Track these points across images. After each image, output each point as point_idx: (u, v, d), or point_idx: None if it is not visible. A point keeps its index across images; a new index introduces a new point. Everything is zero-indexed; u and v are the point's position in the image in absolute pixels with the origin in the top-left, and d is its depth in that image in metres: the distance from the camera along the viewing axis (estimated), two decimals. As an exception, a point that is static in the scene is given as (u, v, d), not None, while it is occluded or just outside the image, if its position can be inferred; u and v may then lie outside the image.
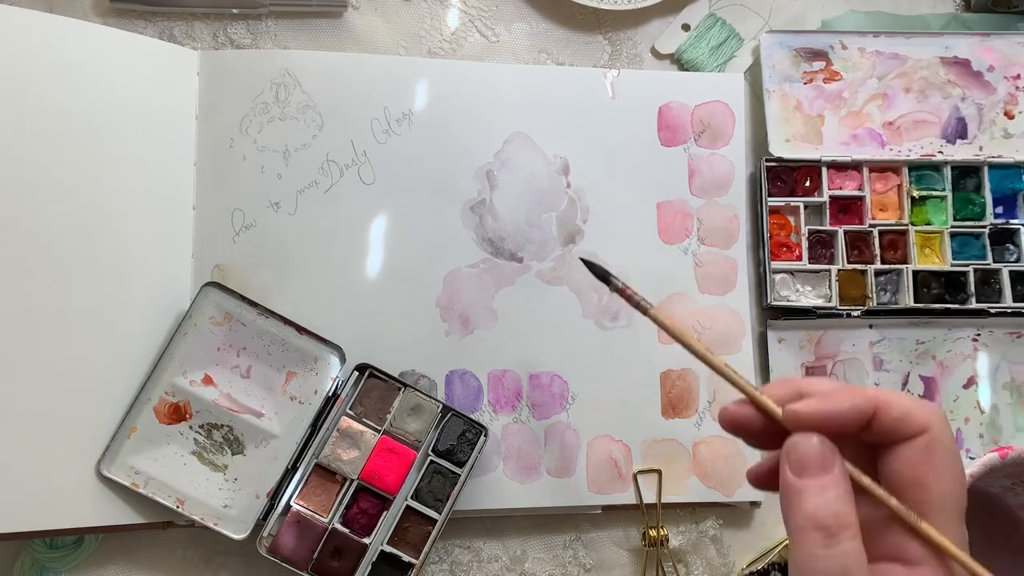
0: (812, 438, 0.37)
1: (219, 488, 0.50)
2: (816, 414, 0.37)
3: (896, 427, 0.36)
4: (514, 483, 0.53)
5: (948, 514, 0.36)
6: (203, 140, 0.54)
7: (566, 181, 0.56)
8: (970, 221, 0.58)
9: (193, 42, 0.56)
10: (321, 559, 0.49)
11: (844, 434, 0.37)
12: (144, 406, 0.50)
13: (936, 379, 0.57)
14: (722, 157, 0.58)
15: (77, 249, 0.49)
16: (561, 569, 0.55)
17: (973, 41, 0.59)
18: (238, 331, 0.51)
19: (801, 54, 0.59)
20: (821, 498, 0.36)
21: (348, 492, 0.50)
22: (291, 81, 0.54)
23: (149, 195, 0.52)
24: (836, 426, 0.37)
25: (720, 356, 0.40)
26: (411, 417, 0.52)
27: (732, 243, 0.57)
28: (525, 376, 0.55)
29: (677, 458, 0.55)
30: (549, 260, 0.56)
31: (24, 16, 0.50)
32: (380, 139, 0.55)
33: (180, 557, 0.52)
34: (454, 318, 0.54)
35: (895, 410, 0.36)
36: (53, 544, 0.51)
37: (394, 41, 0.58)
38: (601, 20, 0.61)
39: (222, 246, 0.53)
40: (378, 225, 0.54)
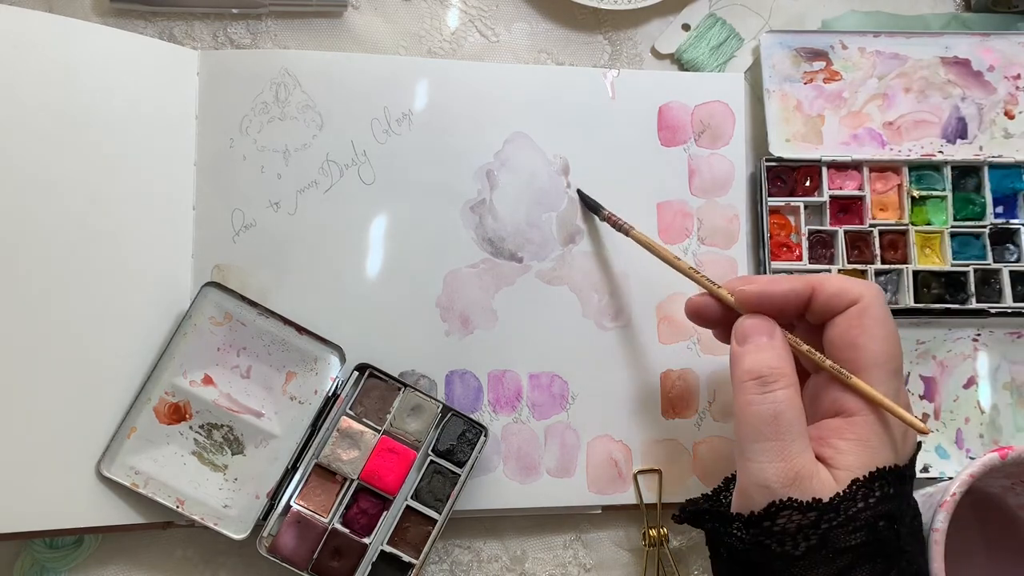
0: (753, 316, 0.44)
1: (219, 488, 0.50)
2: (760, 294, 0.44)
3: (832, 302, 0.43)
4: (514, 483, 0.53)
5: (880, 369, 0.41)
6: (203, 140, 0.54)
7: (566, 181, 0.56)
8: (970, 221, 0.58)
9: (193, 42, 0.56)
10: (321, 559, 0.49)
11: (787, 313, 0.44)
12: (144, 406, 0.50)
13: (936, 379, 0.57)
14: (722, 157, 0.58)
15: (76, 249, 0.49)
16: (561, 569, 0.55)
17: (973, 41, 0.59)
18: (238, 331, 0.51)
19: (801, 54, 0.59)
20: (758, 355, 0.42)
21: (348, 492, 0.51)
22: (291, 81, 0.54)
23: (149, 195, 0.52)
24: (778, 304, 0.44)
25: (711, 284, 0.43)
26: (411, 417, 0.52)
27: (732, 243, 0.57)
28: (525, 376, 0.55)
29: (677, 458, 0.55)
30: (549, 260, 0.56)
31: (24, 16, 0.50)
32: (380, 139, 0.55)
33: (180, 557, 0.52)
34: (454, 318, 0.54)
35: (829, 287, 0.43)
36: (53, 544, 0.51)
37: (394, 41, 0.58)
38: (601, 20, 0.61)
39: (222, 246, 0.53)
40: (378, 225, 0.54)
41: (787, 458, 0.39)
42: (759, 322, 0.43)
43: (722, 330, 0.47)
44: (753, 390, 0.41)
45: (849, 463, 0.39)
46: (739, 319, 0.44)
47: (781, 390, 0.41)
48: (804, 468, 0.39)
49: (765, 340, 0.42)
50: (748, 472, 0.40)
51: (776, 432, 0.40)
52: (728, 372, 0.56)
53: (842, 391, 0.42)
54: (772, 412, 0.40)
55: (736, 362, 0.43)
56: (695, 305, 0.47)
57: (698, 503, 0.46)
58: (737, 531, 0.41)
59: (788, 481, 0.39)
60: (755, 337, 0.43)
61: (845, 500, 0.39)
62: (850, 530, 0.38)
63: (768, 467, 0.39)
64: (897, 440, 0.41)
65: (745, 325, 0.44)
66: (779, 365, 0.41)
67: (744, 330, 0.43)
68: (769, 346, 0.42)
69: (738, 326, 0.44)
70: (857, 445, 0.40)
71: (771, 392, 0.41)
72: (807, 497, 0.38)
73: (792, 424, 0.40)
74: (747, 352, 0.42)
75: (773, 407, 0.40)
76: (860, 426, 0.40)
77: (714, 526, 0.43)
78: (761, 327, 0.43)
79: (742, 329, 0.44)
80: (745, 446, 0.40)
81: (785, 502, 0.39)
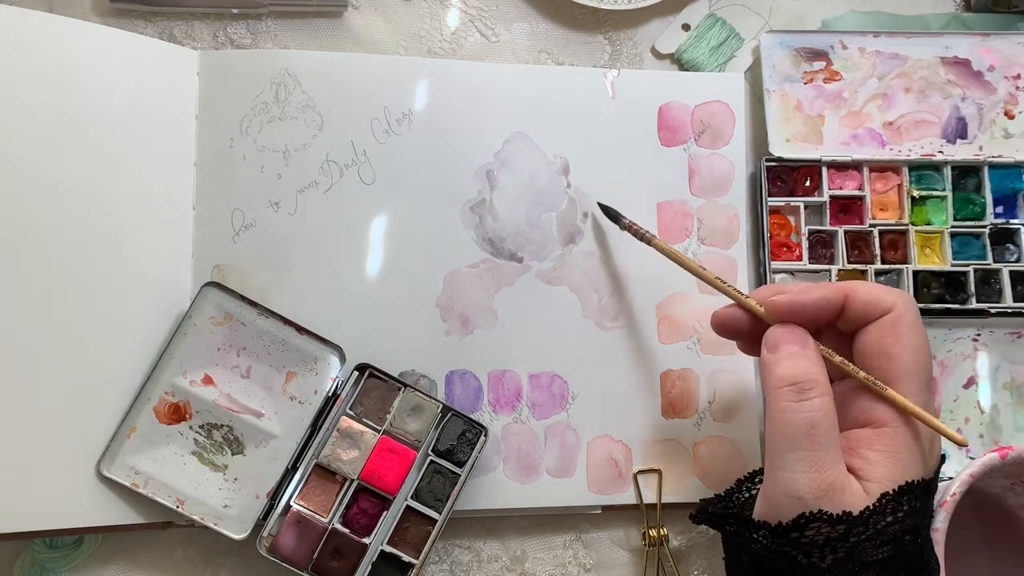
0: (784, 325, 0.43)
1: (219, 488, 0.50)
2: (791, 304, 0.43)
3: (865, 310, 0.42)
4: (514, 483, 0.53)
5: (913, 379, 0.40)
6: (203, 140, 0.54)
7: (566, 181, 0.56)
8: (970, 221, 0.58)
9: (193, 42, 0.56)
10: (321, 559, 0.49)
11: (819, 323, 0.43)
12: (144, 406, 0.50)
13: (936, 379, 0.57)
14: (722, 157, 0.58)
15: (76, 249, 0.49)
16: (561, 569, 0.55)
17: (973, 41, 0.59)
18: (238, 331, 0.51)
19: (801, 54, 0.59)
20: (792, 362, 0.41)
21: (348, 492, 0.51)
22: (291, 81, 0.54)
23: (149, 195, 0.52)
24: (810, 314, 0.43)
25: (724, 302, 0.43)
26: (411, 417, 0.52)
27: (732, 243, 0.57)
28: (525, 376, 0.55)
29: (677, 458, 0.55)
30: (549, 260, 0.56)
31: (24, 16, 0.50)
32: (380, 139, 0.55)
33: (180, 557, 0.52)
34: (454, 318, 0.54)
35: (863, 295, 0.42)
36: (53, 544, 0.51)
37: (394, 41, 0.58)
38: (601, 20, 0.61)
39: (222, 246, 0.53)
40: (378, 225, 0.54)
41: (820, 469, 0.38)
42: (790, 331, 0.42)
43: (749, 342, 0.47)
44: (789, 397, 0.40)
45: (879, 475, 0.39)
46: (770, 328, 0.43)
47: (817, 398, 0.40)
48: (837, 480, 0.38)
49: (798, 348, 0.41)
50: (779, 481, 0.39)
51: (811, 442, 0.39)
52: (728, 372, 0.56)
53: (872, 401, 0.41)
54: (808, 421, 0.39)
55: (769, 370, 0.42)
56: (722, 318, 0.46)
57: (714, 504, 0.45)
58: (762, 539, 0.40)
59: (820, 493, 0.38)
60: (787, 345, 0.42)
61: (875, 514, 0.38)
62: (877, 544, 0.38)
63: (801, 477, 0.38)
64: (925, 452, 0.41)
65: (776, 334, 0.43)
66: (814, 373, 0.40)
67: (775, 338, 0.42)
68: (803, 354, 0.41)
69: (769, 335, 0.43)
70: (887, 457, 0.39)
71: (808, 400, 0.39)
72: (837, 510, 0.38)
73: (827, 434, 0.39)
74: (780, 359, 0.41)
75: (809, 416, 0.39)
76: (891, 438, 0.40)
77: (737, 530, 0.42)
78: (793, 336, 0.42)
79: (773, 338, 0.43)
80: (778, 455, 0.39)
81: (815, 514, 0.38)
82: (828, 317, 0.43)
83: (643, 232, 0.52)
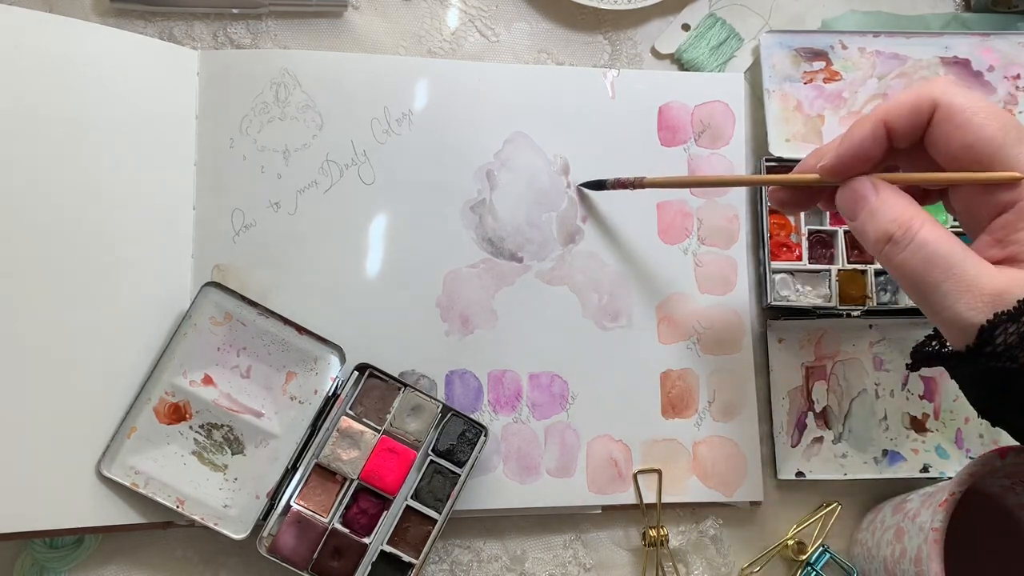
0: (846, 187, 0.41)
1: (219, 488, 0.50)
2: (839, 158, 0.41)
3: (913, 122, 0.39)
4: (514, 483, 0.53)
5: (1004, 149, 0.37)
6: (203, 140, 0.54)
7: (566, 181, 0.56)
8: (970, 221, 0.58)
9: (193, 42, 0.56)
10: (321, 559, 0.49)
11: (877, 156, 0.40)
12: (144, 406, 0.50)
13: (936, 379, 0.57)
14: (722, 157, 0.58)
15: (77, 249, 0.49)
16: (561, 569, 0.55)
17: (973, 41, 0.59)
18: (238, 331, 0.51)
19: (801, 54, 0.59)
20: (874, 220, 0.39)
21: (348, 492, 0.51)
22: (291, 81, 0.54)
23: (149, 195, 0.52)
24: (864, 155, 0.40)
25: None
26: (411, 417, 0.52)
27: (732, 243, 0.57)
28: (525, 376, 0.55)
29: (677, 458, 0.55)
30: (549, 260, 0.56)
31: (24, 16, 0.50)
32: (380, 139, 0.55)
33: (180, 557, 0.52)
34: (454, 318, 0.54)
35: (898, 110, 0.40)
36: (53, 544, 0.51)
37: (394, 41, 0.58)
38: (601, 20, 0.61)
39: (222, 246, 0.53)
40: (378, 225, 0.54)
41: (969, 285, 0.36)
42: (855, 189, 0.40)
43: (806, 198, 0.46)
44: (894, 253, 0.38)
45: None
46: (837, 197, 0.41)
47: (918, 232, 0.38)
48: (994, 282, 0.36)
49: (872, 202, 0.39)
50: (945, 323, 0.37)
51: (942, 271, 0.37)
52: (728, 372, 0.56)
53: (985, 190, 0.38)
54: (923, 259, 0.37)
55: (862, 239, 0.40)
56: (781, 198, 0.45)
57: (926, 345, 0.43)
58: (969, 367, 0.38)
59: (985, 305, 0.36)
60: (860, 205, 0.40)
61: None
62: None
63: (958, 306, 0.36)
64: None
65: (842, 200, 0.41)
66: (899, 213, 0.38)
67: (846, 205, 0.41)
68: (879, 203, 0.39)
69: (840, 205, 0.41)
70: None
71: (911, 243, 0.38)
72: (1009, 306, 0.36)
73: (951, 253, 0.37)
74: (863, 224, 0.40)
75: (921, 254, 0.37)
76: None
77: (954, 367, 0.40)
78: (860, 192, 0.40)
79: (843, 206, 0.41)
80: (926, 304, 0.38)
81: (992, 319, 0.36)
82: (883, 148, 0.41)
83: (631, 180, 0.51)
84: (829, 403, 0.57)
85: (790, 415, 0.56)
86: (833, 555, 0.55)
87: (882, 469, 0.56)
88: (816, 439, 0.56)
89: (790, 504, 0.56)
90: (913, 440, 0.57)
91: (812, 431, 0.56)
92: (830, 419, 0.57)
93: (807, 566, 0.55)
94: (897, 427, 0.57)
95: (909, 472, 0.56)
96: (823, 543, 0.55)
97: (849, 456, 0.56)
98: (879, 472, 0.56)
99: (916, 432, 0.57)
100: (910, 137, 0.40)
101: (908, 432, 0.57)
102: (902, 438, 0.57)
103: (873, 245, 0.39)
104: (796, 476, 0.56)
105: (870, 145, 0.40)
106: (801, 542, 0.55)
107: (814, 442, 0.56)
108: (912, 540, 0.46)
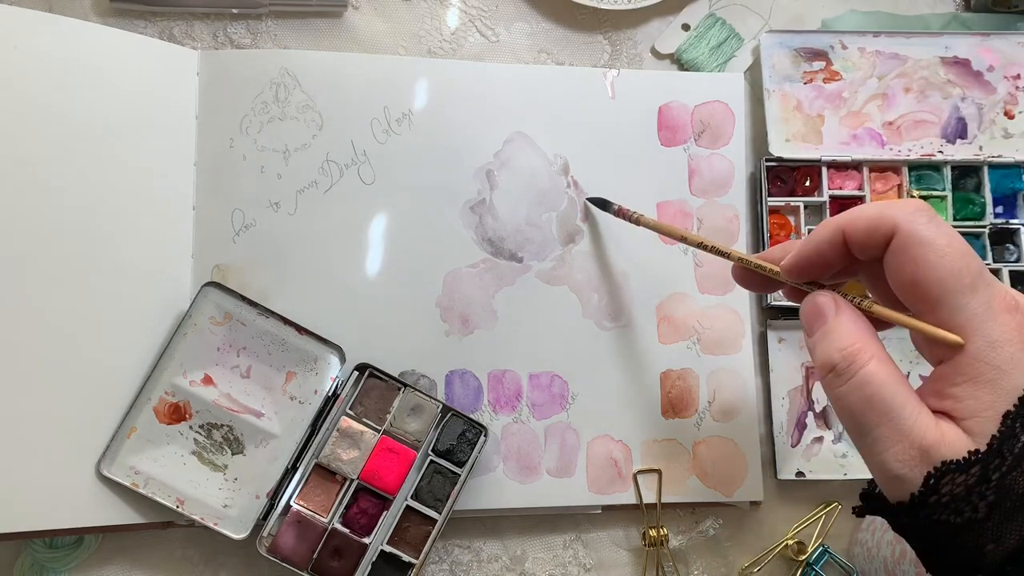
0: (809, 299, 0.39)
1: (219, 488, 0.50)
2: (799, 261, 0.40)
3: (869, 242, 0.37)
4: (514, 483, 0.53)
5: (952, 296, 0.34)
6: (203, 140, 0.54)
7: (566, 181, 0.56)
8: (970, 221, 0.58)
9: (193, 42, 0.56)
10: (321, 559, 0.49)
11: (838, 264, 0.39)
12: (144, 406, 0.50)
13: (936, 379, 0.57)
14: (722, 157, 0.58)
15: (76, 249, 0.49)
16: (561, 569, 0.55)
17: (973, 41, 0.59)
18: (238, 331, 0.51)
19: (801, 54, 0.59)
20: (823, 344, 0.37)
21: (348, 492, 0.51)
22: (291, 81, 0.54)
23: (149, 195, 0.52)
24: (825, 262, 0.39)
25: None
26: (411, 417, 0.52)
27: (732, 243, 0.57)
28: (525, 376, 0.55)
29: (677, 458, 0.55)
30: (549, 260, 0.56)
31: (24, 16, 0.50)
32: (380, 139, 0.55)
33: (180, 557, 0.52)
34: (454, 318, 0.54)
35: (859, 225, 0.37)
36: (53, 544, 0.51)
37: (394, 41, 0.58)
38: (601, 20, 0.61)
39: (222, 246, 0.53)
40: (378, 225, 0.54)
41: (902, 435, 0.34)
42: (817, 304, 0.38)
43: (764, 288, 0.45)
44: (835, 384, 0.36)
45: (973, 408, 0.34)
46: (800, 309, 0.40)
47: (861, 369, 0.35)
48: (925, 438, 0.34)
49: (828, 322, 0.37)
50: (874, 469, 0.35)
51: (878, 415, 0.34)
52: (728, 372, 0.56)
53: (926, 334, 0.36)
54: (862, 398, 0.35)
55: (813, 359, 0.38)
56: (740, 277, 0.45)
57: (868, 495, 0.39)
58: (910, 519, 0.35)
59: (915, 460, 0.34)
60: (819, 322, 0.38)
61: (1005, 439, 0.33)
62: None
63: (888, 457, 0.34)
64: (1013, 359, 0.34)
65: (805, 312, 0.39)
66: (849, 342, 0.36)
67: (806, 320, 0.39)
68: (834, 327, 0.37)
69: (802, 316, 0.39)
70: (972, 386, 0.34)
71: (852, 377, 0.36)
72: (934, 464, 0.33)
73: (891, 396, 0.35)
74: (815, 344, 0.38)
75: (860, 392, 0.35)
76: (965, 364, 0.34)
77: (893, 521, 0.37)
78: (818, 310, 0.38)
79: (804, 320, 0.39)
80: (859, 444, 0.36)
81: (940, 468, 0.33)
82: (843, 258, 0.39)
83: (630, 213, 0.52)
84: (829, 403, 0.57)
85: (790, 415, 0.56)
86: (833, 555, 0.55)
87: (882, 469, 0.56)
88: (816, 439, 0.56)
89: (790, 504, 0.56)
90: (913, 440, 0.56)
91: (812, 431, 0.56)
92: (830, 419, 0.57)
93: (807, 566, 0.55)
94: (897, 427, 0.57)
95: (909, 472, 0.56)
96: (823, 543, 0.55)
97: (849, 456, 0.56)
98: (879, 472, 0.56)
99: (916, 432, 0.57)
100: (868, 253, 0.38)
101: (908, 432, 0.57)
102: (902, 438, 0.56)
103: (818, 370, 0.38)
104: (796, 476, 0.56)
105: (827, 250, 0.39)
106: (801, 542, 0.55)
107: (814, 442, 0.56)
108: (912, 540, 0.46)
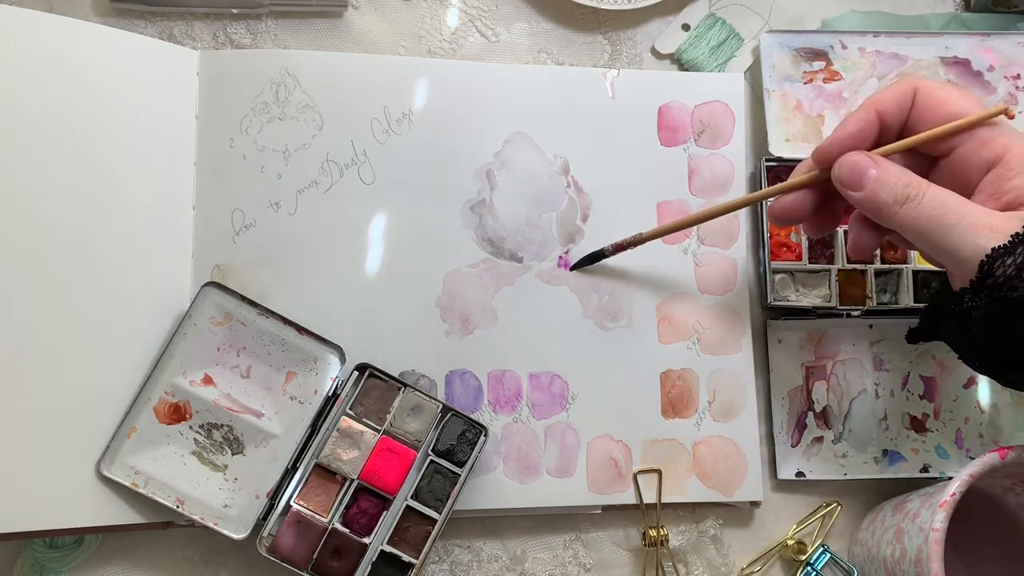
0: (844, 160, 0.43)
1: (219, 488, 0.50)
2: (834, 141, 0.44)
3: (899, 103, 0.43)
4: (514, 483, 0.53)
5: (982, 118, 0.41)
6: (203, 140, 0.54)
7: (566, 181, 0.56)
8: (970, 221, 0.58)
9: (193, 42, 0.56)
10: (321, 559, 0.49)
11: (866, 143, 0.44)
12: (144, 406, 0.50)
13: (936, 379, 0.57)
14: (722, 157, 0.58)
15: (76, 249, 0.49)
16: (561, 569, 0.55)
17: (973, 41, 0.59)
18: (238, 331, 0.51)
19: (801, 54, 0.59)
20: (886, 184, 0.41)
21: (348, 492, 0.51)
22: (291, 81, 0.54)
23: (149, 195, 0.52)
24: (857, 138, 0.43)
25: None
26: (411, 417, 0.52)
27: (732, 243, 0.57)
28: (525, 376, 0.55)
29: (677, 458, 0.55)
30: (549, 260, 0.56)
31: (24, 16, 0.50)
32: (380, 139, 0.55)
33: (180, 557, 0.52)
34: (454, 318, 0.54)
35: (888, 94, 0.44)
36: (53, 544, 0.51)
37: (394, 41, 0.58)
38: (601, 20, 0.61)
39: (222, 246, 0.53)
40: (378, 225, 0.54)
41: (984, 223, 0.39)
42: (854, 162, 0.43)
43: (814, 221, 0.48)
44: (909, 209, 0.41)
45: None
46: (834, 170, 0.44)
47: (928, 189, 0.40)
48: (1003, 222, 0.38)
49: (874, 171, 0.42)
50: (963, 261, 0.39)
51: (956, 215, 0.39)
52: (727, 372, 0.56)
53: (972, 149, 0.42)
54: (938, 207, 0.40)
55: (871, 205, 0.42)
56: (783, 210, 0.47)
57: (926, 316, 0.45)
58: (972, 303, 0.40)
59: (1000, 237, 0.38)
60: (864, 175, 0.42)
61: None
62: None
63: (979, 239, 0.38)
64: None
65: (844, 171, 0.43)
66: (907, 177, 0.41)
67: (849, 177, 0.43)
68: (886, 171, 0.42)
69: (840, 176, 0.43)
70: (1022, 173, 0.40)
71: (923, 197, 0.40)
72: None
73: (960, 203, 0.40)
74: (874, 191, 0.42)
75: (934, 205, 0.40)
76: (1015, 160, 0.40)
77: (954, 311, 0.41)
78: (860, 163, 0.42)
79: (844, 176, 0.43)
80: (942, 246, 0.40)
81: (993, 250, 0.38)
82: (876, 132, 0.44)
83: (631, 239, 0.53)
84: (829, 403, 0.57)
85: (790, 415, 0.56)
86: (833, 555, 0.55)
87: (882, 469, 0.56)
88: (816, 439, 0.56)
89: (790, 504, 0.56)
90: (913, 440, 0.57)
91: (812, 431, 0.56)
92: (830, 419, 0.57)
93: (807, 566, 0.55)
94: (897, 427, 0.57)
95: (909, 472, 0.56)
96: (823, 543, 0.55)
97: (849, 456, 0.56)
98: (879, 472, 0.56)
99: (916, 432, 0.57)
100: (898, 119, 0.44)
101: (908, 432, 0.57)
102: (902, 438, 0.57)
103: (889, 207, 0.41)
104: (796, 476, 0.56)
105: (865, 128, 0.43)
106: (801, 542, 0.55)
107: (814, 442, 0.56)
108: (912, 540, 0.46)
